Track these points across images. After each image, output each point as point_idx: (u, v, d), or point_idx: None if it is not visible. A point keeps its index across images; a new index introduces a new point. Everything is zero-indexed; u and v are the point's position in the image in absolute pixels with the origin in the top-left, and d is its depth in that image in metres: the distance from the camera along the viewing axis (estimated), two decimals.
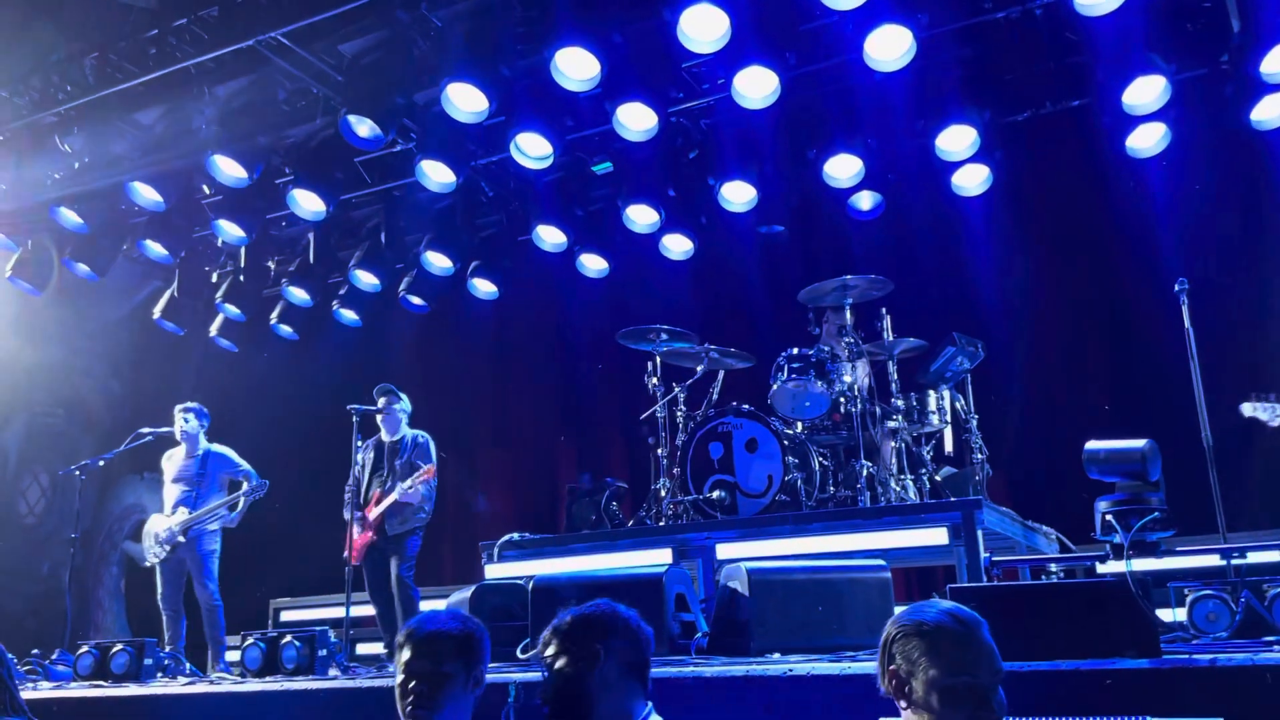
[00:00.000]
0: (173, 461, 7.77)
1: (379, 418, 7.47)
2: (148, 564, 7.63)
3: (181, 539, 7.39)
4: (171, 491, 7.60)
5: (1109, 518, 3.66)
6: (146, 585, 10.85)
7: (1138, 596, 3.40)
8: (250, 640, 5.72)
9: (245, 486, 7.51)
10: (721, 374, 7.45)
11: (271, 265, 10.11)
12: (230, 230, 8.63)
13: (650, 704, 2.78)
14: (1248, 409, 5.79)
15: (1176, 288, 5.73)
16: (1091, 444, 4.15)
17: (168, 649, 7.23)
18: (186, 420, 7.64)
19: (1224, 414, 5.83)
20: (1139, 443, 3.96)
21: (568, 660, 2.70)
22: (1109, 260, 7.77)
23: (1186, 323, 5.73)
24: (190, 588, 7.52)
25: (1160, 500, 3.74)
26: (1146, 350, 7.06)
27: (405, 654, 2.86)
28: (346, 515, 7.19)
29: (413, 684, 2.81)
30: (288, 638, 5.63)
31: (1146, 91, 6.58)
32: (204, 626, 7.43)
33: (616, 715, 2.69)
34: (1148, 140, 7.02)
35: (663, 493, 7.02)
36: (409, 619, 6.93)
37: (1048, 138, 7.59)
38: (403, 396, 7.55)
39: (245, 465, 7.69)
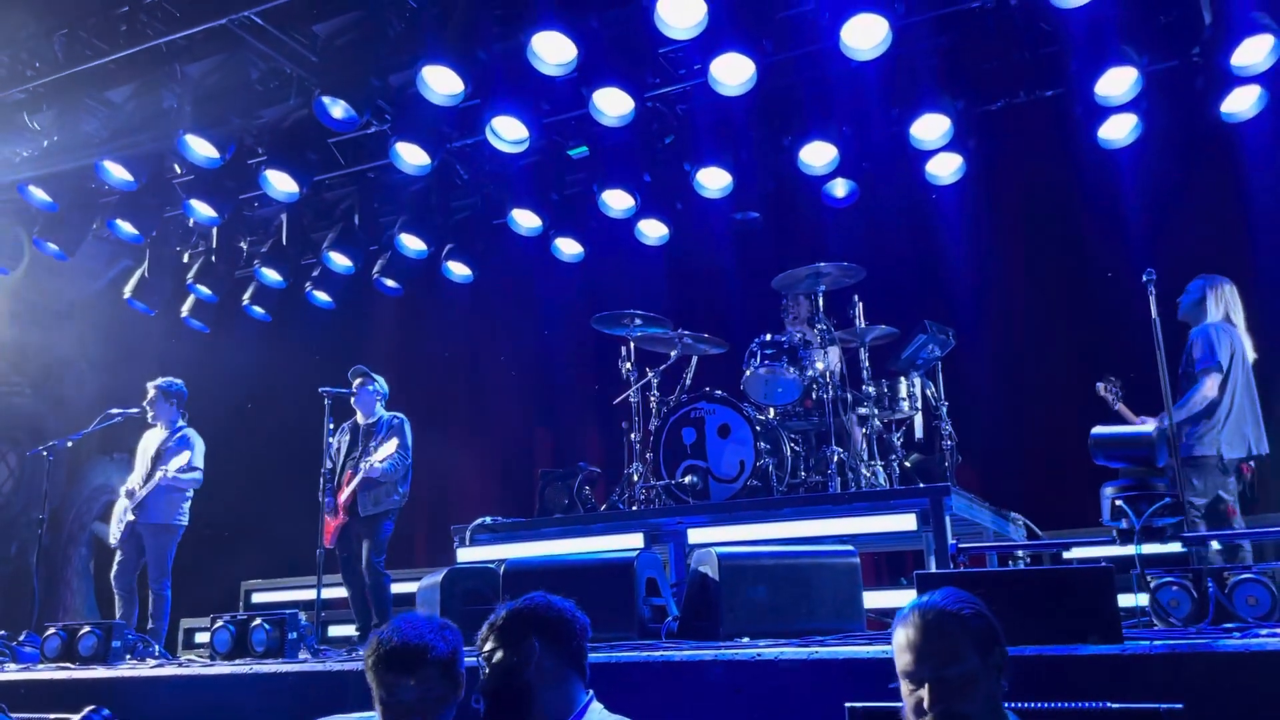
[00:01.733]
0: (148, 442, 7.65)
1: (353, 399, 7.45)
2: (111, 545, 7.51)
3: (133, 517, 7.24)
4: (136, 471, 7.49)
5: (1119, 503, 3.68)
6: (112, 562, 10.83)
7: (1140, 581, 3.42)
8: (220, 623, 5.70)
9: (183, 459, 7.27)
10: (695, 359, 7.48)
11: (244, 246, 10.04)
12: (202, 210, 8.55)
13: (591, 692, 2.79)
14: (1100, 389, 5.96)
15: (1144, 278, 5.80)
16: (1098, 429, 4.21)
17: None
18: (154, 396, 7.52)
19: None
20: (1147, 428, 4.02)
21: (504, 654, 2.70)
22: (1079, 249, 7.84)
23: (1154, 313, 5.79)
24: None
25: (1167, 486, 3.78)
26: (1114, 340, 7.14)
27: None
28: (321, 499, 7.18)
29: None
30: (258, 620, 5.61)
31: (1118, 83, 6.65)
32: (148, 609, 7.31)
33: (557, 706, 2.69)
34: (1119, 131, 7.08)
35: (635, 477, 7.05)
36: (380, 605, 6.98)
37: (1021, 127, 7.65)
38: (377, 378, 7.52)
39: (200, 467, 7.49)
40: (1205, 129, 6.98)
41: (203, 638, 8.53)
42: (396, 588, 7.50)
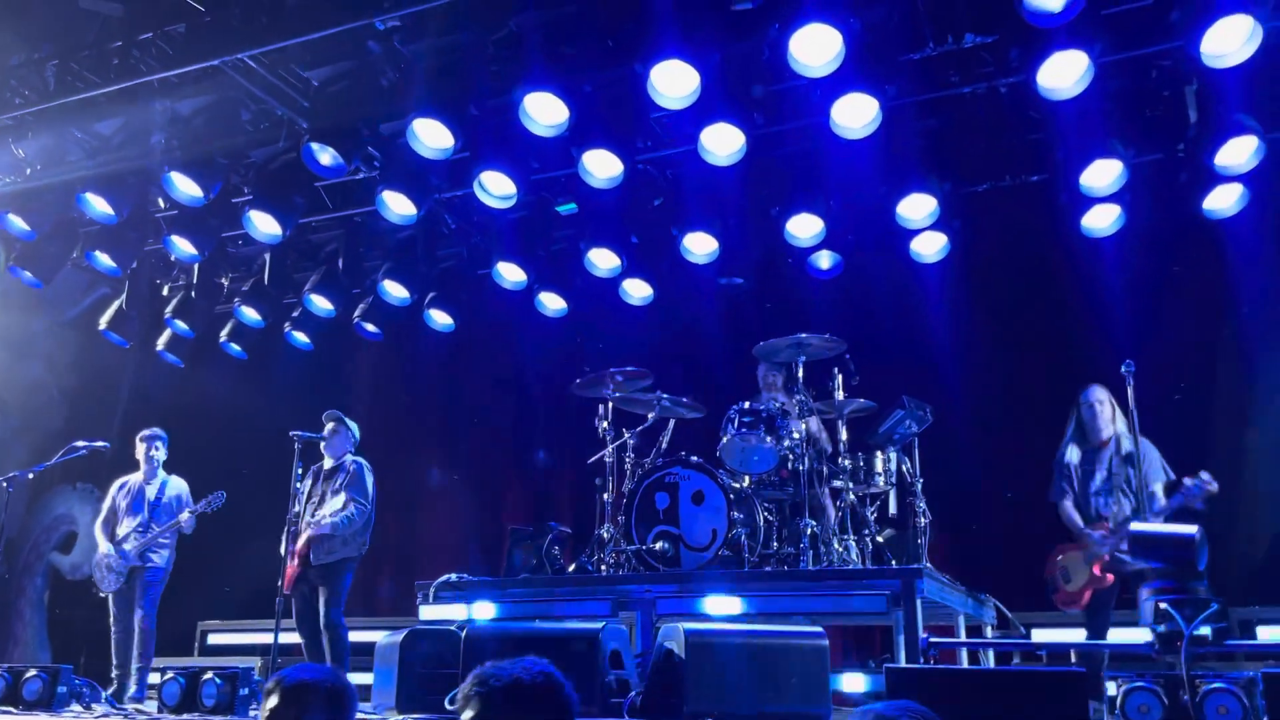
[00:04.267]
0: (128, 488, 7.76)
1: (323, 444, 7.37)
2: (102, 594, 7.61)
3: (139, 562, 7.44)
4: (126, 520, 7.60)
5: (1163, 606, 3.64)
6: (70, 598, 10.60)
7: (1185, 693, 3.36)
8: (170, 675, 5.55)
9: (209, 499, 7.53)
10: (673, 422, 7.43)
11: (224, 282, 9.95)
12: (183, 247, 8.48)
13: None
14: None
15: (1123, 369, 5.83)
16: (1138, 526, 4.19)
17: (116, 670, 7.35)
18: (155, 448, 7.76)
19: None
20: (1190, 529, 3.95)
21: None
22: (1059, 334, 7.89)
23: (1131, 403, 5.82)
24: None
25: (1207, 590, 3.74)
26: None
27: (272, 700, 2.84)
28: (283, 546, 7.06)
29: None
30: (209, 674, 5.48)
31: (1104, 174, 6.73)
32: (134, 648, 7.37)
33: None
34: (1103, 221, 7.17)
35: (606, 538, 6.97)
36: (337, 656, 6.85)
37: (1005, 210, 7.72)
38: (351, 424, 7.46)
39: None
40: (1187, 223, 7.07)
41: (154, 678, 8.35)
42: (358, 636, 7.37)
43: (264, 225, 7.97)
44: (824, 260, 8.13)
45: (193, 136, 7.53)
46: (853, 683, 6.30)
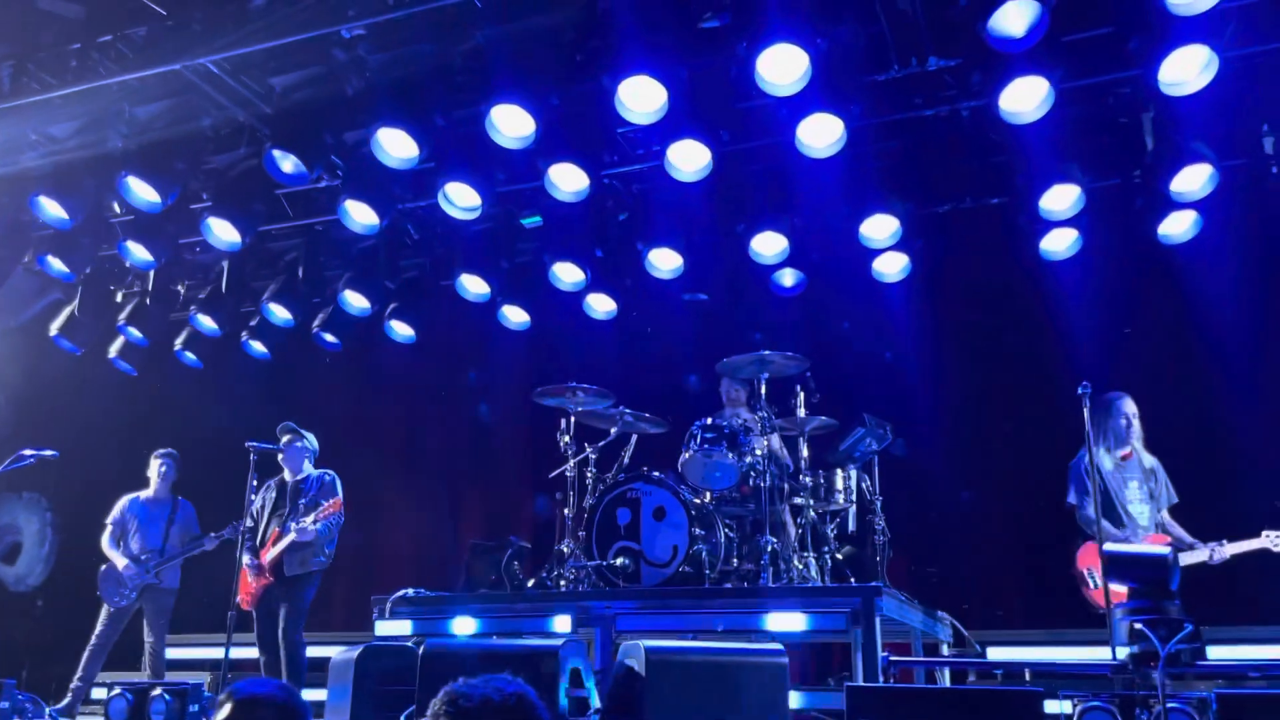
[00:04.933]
0: (139, 505, 7.92)
1: (280, 456, 7.28)
2: (110, 610, 7.74)
3: (154, 580, 7.69)
4: (138, 537, 7.80)
5: (1138, 627, 3.67)
6: (14, 610, 10.32)
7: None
8: (117, 690, 5.42)
9: (230, 525, 7.64)
10: (635, 437, 7.41)
11: (181, 289, 9.79)
12: (139, 253, 8.33)
13: None
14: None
15: (1079, 390, 5.91)
16: (1112, 546, 4.23)
17: (76, 682, 7.46)
18: (168, 468, 8.03)
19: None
20: (1163, 549, 4.02)
21: None
22: (1017, 354, 7.99)
23: (1087, 424, 5.90)
24: None
25: (1179, 609, 3.78)
26: (1048, 448, 7.24)
27: (223, 712, 2.78)
28: (240, 558, 6.96)
29: None
30: (158, 690, 5.35)
31: (1062, 198, 6.83)
32: (147, 669, 7.63)
33: None
34: (1060, 244, 7.28)
35: (566, 553, 6.92)
36: (294, 673, 6.75)
37: (966, 232, 7.81)
38: (307, 435, 7.38)
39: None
40: (1143, 248, 7.20)
41: (99, 693, 8.16)
42: (314, 651, 7.27)
43: (223, 232, 7.85)
44: (788, 278, 8.17)
45: (151, 141, 7.41)
46: (813, 701, 6.27)
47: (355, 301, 8.83)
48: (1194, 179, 6.52)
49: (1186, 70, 5.68)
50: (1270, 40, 6.09)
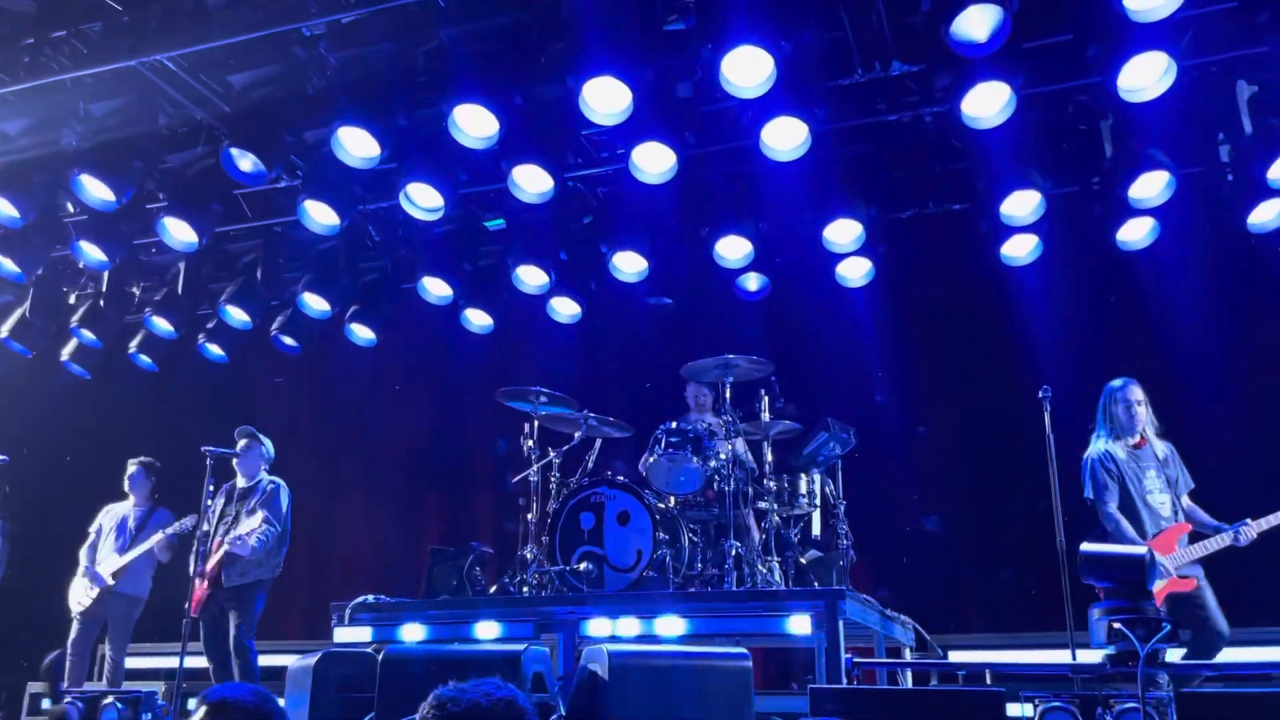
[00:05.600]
0: (114, 514, 7.82)
1: (236, 461, 7.17)
2: (73, 615, 7.58)
3: (110, 582, 7.47)
4: (106, 545, 7.66)
5: (1117, 626, 3.67)
6: None
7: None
8: (67, 699, 5.29)
9: (179, 522, 7.51)
10: (599, 442, 7.37)
11: (136, 291, 9.60)
12: (92, 253, 8.15)
13: None
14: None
15: (1040, 394, 5.95)
16: (1088, 546, 4.19)
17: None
18: (132, 475, 7.87)
19: (1077, 518, 6.06)
20: (1139, 549, 4.01)
21: None
22: (979, 359, 8.05)
23: (1047, 429, 5.95)
24: None
25: (1155, 609, 3.78)
26: (1009, 451, 7.29)
27: (197, 715, 2.74)
28: (191, 565, 6.84)
29: None
30: (110, 698, 5.23)
31: (1022, 204, 6.89)
32: (105, 679, 7.49)
33: None
34: (1021, 250, 7.34)
35: (529, 559, 6.86)
36: (246, 682, 6.63)
37: (929, 237, 7.87)
38: (265, 440, 7.27)
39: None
40: (1102, 253, 7.28)
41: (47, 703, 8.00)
42: (269, 660, 7.16)
43: (179, 233, 7.70)
44: (752, 282, 8.17)
45: (106, 138, 7.24)
46: (777, 705, 6.25)
47: (315, 304, 8.70)
48: (1152, 185, 6.60)
49: (1145, 77, 5.75)
50: (1226, 49, 6.19)
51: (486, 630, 6.24)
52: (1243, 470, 6.88)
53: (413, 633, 6.41)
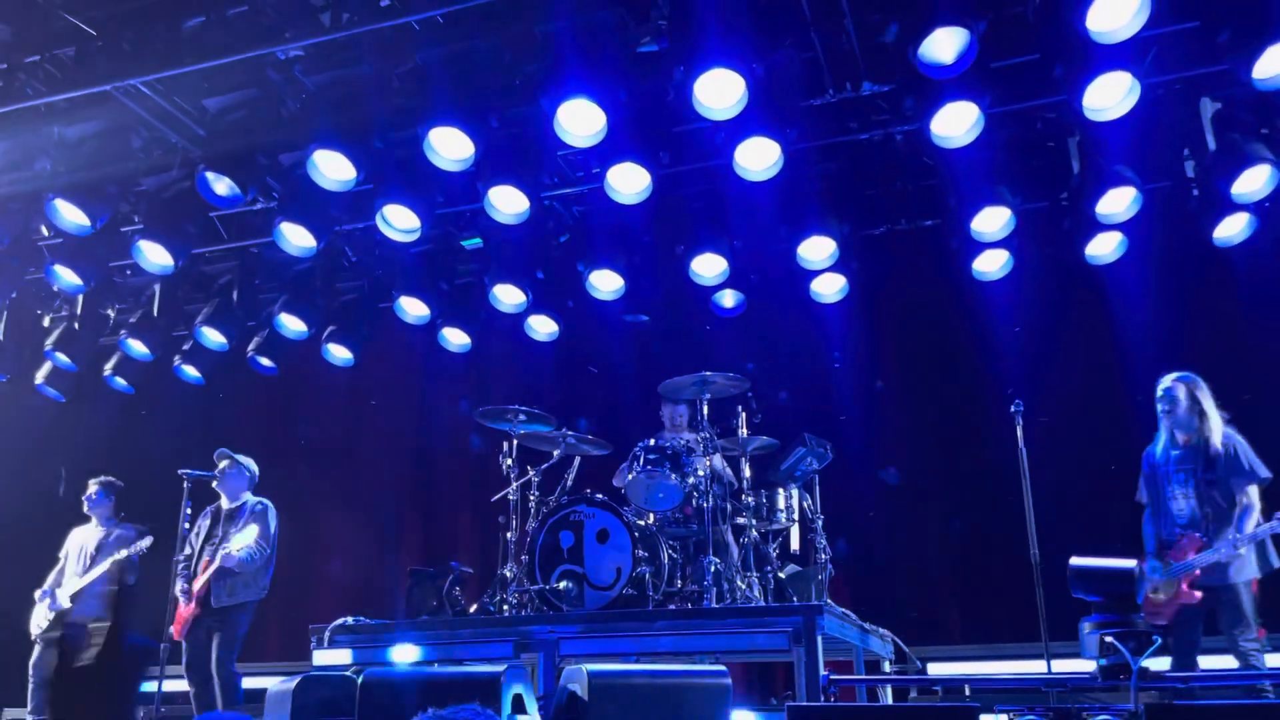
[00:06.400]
0: (79, 538, 7.75)
1: (215, 483, 7.16)
2: (32, 637, 7.54)
3: (68, 604, 7.41)
4: (69, 569, 7.59)
5: (1109, 639, 3.68)
6: None
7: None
8: None
9: (136, 544, 7.48)
10: (578, 460, 7.38)
11: (111, 313, 9.56)
12: (67, 277, 8.12)
13: None
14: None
15: (1012, 408, 6.04)
16: (1078, 560, 4.20)
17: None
18: (101, 497, 7.77)
19: (1051, 530, 6.14)
20: (1129, 563, 4.04)
21: None
22: (953, 373, 8.14)
23: (1020, 442, 6.03)
24: None
25: (1144, 622, 3.81)
26: (982, 464, 7.37)
27: None
28: (174, 588, 6.82)
29: None
30: None
31: (993, 220, 6.99)
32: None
33: None
34: (992, 265, 7.44)
35: (508, 578, 6.86)
36: (229, 706, 6.60)
37: (902, 253, 7.96)
38: (245, 460, 7.25)
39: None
40: (1072, 268, 7.39)
41: None
42: (248, 682, 7.11)
43: (155, 256, 7.68)
44: (728, 299, 8.24)
45: (80, 162, 7.24)
46: None
47: (291, 325, 8.69)
48: (1119, 201, 6.72)
49: (1109, 96, 5.85)
50: (1189, 67, 6.31)
51: (465, 651, 6.24)
52: None
53: (395, 653, 6.40)
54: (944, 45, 5.61)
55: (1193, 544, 5.43)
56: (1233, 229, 6.91)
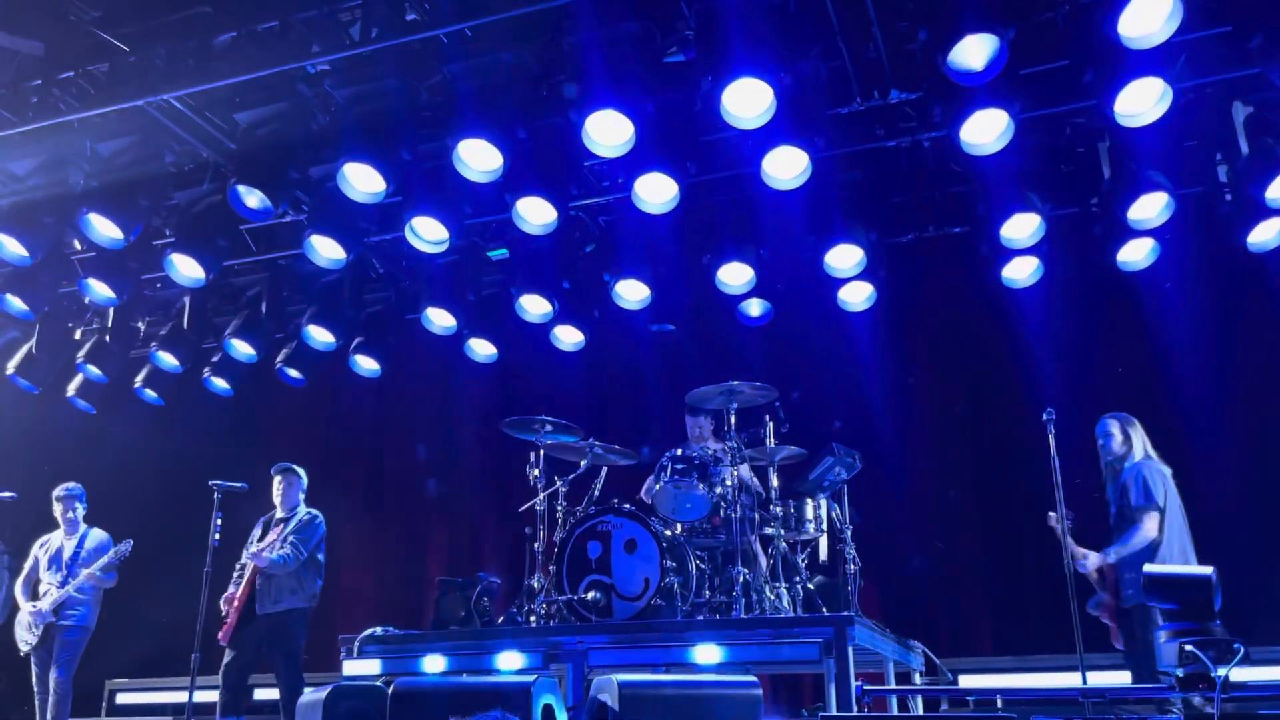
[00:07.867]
0: (48, 547, 7.70)
1: (275, 494, 7.24)
2: (22, 653, 7.50)
3: (54, 618, 7.37)
4: (45, 576, 7.53)
5: (1189, 648, 3.63)
6: None
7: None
8: None
9: (116, 549, 7.50)
10: (605, 470, 7.38)
11: (141, 326, 9.64)
12: (100, 291, 8.19)
13: None
14: (1050, 519, 6.01)
15: (1044, 417, 5.98)
16: (1151, 567, 4.15)
17: None
18: (74, 508, 7.76)
19: (1083, 540, 6.07)
20: (1205, 570, 3.95)
21: None
22: (982, 381, 8.08)
23: (1053, 451, 5.96)
24: None
25: (1223, 630, 3.75)
26: (1014, 474, 7.30)
27: None
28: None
29: None
30: None
31: (1022, 227, 6.94)
32: (48, 711, 7.25)
33: None
34: (1022, 272, 7.38)
35: (536, 588, 6.86)
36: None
37: (930, 260, 7.91)
38: (300, 472, 7.34)
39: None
40: (1103, 275, 7.32)
41: None
42: (271, 693, 7.16)
43: (186, 269, 7.75)
44: (754, 308, 8.22)
45: (113, 177, 7.30)
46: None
47: (320, 336, 8.73)
48: (1151, 207, 6.65)
49: (1141, 102, 5.80)
50: (1220, 72, 6.25)
51: (497, 661, 6.24)
52: (1244, 489, 6.90)
53: (425, 664, 6.41)
54: (973, 52, 5.58)
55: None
56: (1267, 234, 6.84)
